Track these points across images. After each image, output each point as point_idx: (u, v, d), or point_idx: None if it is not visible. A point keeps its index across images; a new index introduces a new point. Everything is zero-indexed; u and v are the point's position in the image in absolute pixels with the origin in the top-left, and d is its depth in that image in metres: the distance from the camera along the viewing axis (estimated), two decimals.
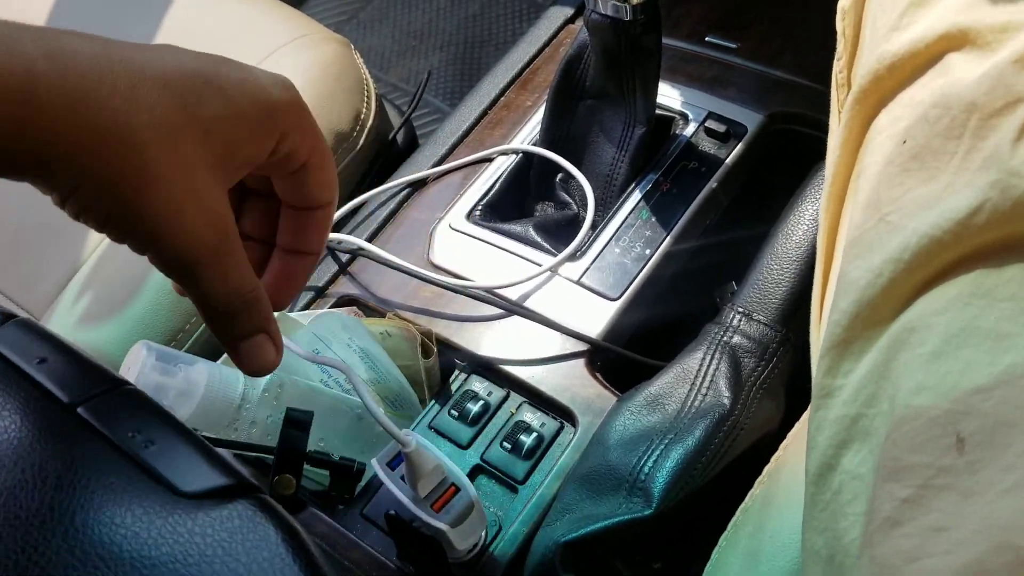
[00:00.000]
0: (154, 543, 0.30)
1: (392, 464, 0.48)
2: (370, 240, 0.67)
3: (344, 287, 0.65)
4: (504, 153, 0.68)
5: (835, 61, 0.42)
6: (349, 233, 0.68)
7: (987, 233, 0.28)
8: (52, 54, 0.29)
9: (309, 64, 0.74)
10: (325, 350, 0.55)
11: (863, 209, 0.34)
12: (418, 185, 0.70)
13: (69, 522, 0.31)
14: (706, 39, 0.70)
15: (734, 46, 0.69)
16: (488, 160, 0.69)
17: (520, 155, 0.67)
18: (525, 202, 0.68)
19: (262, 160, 0.34)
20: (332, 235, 0.67)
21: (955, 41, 0.33)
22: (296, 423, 0.48)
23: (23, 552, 0.30)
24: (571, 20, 0.76)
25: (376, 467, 0.47)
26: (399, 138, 0.82)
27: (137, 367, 0.50)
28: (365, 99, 0.76)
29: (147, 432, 0.33)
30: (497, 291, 0.60)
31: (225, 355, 0.59)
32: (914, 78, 0.34)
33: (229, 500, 0.32)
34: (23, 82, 0.28)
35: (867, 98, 0.36)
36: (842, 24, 0.42)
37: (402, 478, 0.47)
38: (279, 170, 0.36)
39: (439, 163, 0.70)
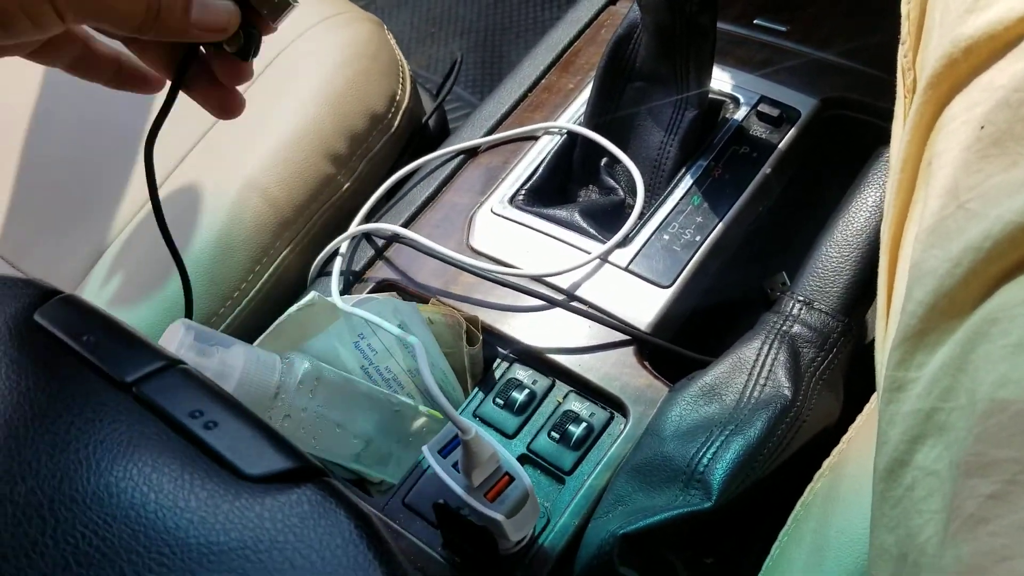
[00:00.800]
0: (222, 528, 0.29)
1: (443, 452, 0.46)
2: (406, 225, 0.65)
3: (382, 272, 0.63)
4: (549, 131, 0.66)
5: (900, 45, 0.40)
6: (382, 218, 0.66)
7: None
8: None
9: (344, 43, 0.72)
10: (371, 336, 0.53)
11: (939, 196, 0.33)
12: (464, 160, 0.68)
13: (129, 505, 0.29)
14: (754, 22, 0.68)
15: (784, 29, 0.67)
16: (532, 138, 0.67)
17: (564, 137, 0.65)
18: (568, 187, 0.66)
19: None
20: (366, 226, 0.65)
21: None
22: None
23: (83, 537, 0.28)
24: (612, 1, 0.74)
25: (428, 455, 0.45)
26: (431, 123, 0.80)
27: (174, 345, 0.48)
28: (400, 80, 0.74)
29: (208, 412, 0.32)
30: (544, 279, 0.58)
31: (261, 338, 0.57)
32: (992, 61, 0.33)
33: (296, 484, 0.30)
34: None
35: (941, 83, 0.35)
36: (907, 7, 0.40)
37: (453, 466, 0.45)
38: None
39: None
